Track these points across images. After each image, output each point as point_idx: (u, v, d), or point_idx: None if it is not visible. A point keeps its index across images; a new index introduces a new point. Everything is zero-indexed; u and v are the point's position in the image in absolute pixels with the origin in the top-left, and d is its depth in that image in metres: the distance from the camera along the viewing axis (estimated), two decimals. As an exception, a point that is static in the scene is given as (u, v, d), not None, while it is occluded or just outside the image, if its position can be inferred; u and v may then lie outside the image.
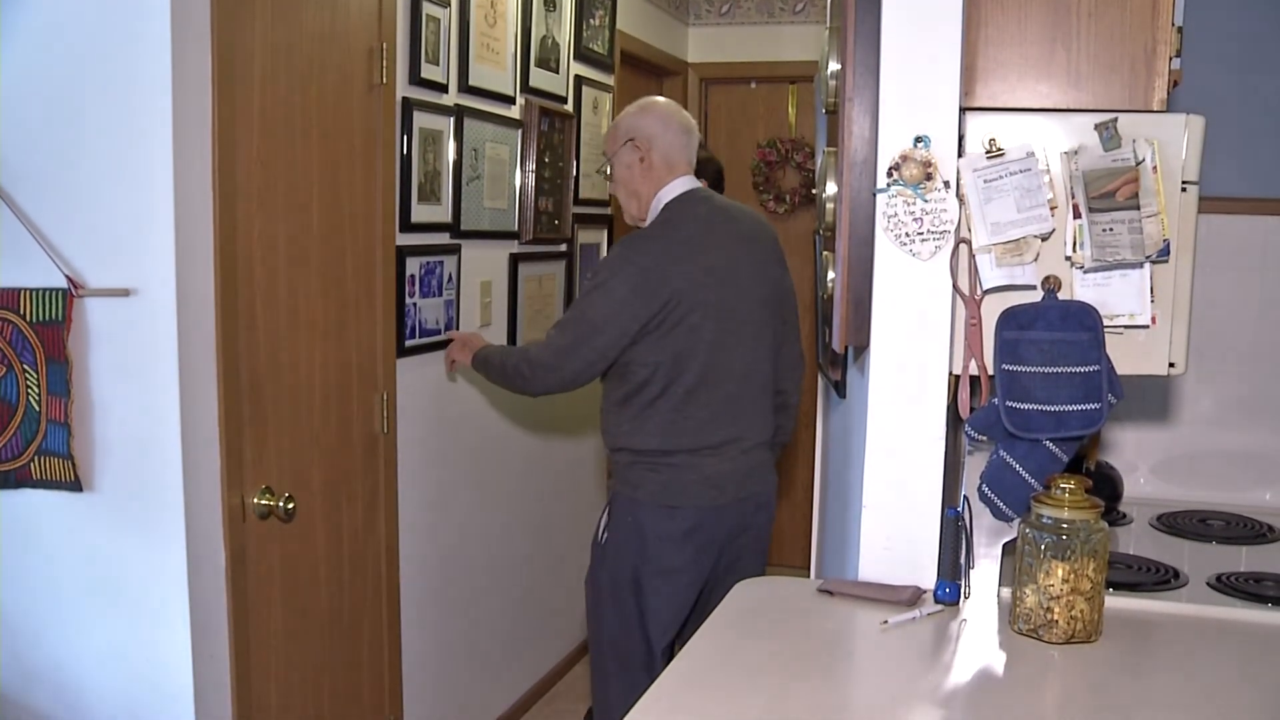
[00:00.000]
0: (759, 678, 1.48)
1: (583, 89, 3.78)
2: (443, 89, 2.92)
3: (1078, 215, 1.68)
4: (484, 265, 3.25)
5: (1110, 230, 1.67)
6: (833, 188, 1.93)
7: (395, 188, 2.73)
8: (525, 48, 3.37)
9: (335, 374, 2.54)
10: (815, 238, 2.46)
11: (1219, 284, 2.53)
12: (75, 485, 2.07)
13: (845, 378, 2.22)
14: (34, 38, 2.02)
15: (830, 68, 1.95)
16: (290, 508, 2.30)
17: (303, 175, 2.37)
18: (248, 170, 2.19)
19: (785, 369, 2.66)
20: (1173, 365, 1.74)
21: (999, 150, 1.70)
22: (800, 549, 5.03)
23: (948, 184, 1.71)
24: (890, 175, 1.73)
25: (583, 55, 3.77)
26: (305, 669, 2.47)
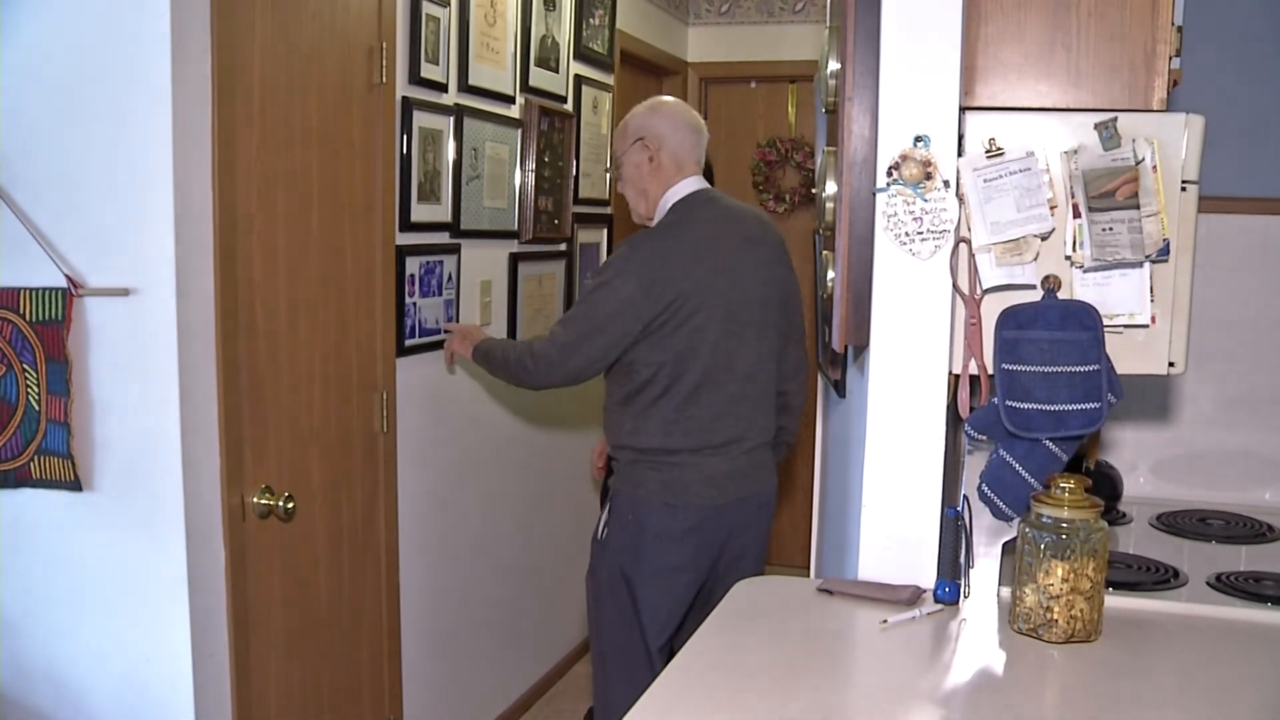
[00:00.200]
0: (759, 677, 1.48)
1: (582, 88, 3.78)
2: (442, 88, 2.92)
3: (1077, 215, 1.68)
4: (484, 265, 3.26)
5: (1110, 230, 1.67)
6: (832, 187, 1.93)
7: (395, 187, 2.73)
8: (525, 47, 3.37)
9: (335, 373, 2.54)
10: (815, 237, 2.46)
11: (1219, 283, 2.53)
12: (75, 485, 2.07)
13: (845, 377, 2.22)
14: (34, 38, 2.02)
15: (830, 67, 1.95)
16: (290, 507, 2.30)
17: (302, 175, 2.37)
18: (247, 170, 2.19)
19: (789, 370, 2.66)
20: (1172, 365, 1.74)
21: (999, 150, 1.69)
22: (800, 548, 5.03)
23: (947, 183, 1.71)
24: (890, 175, 1.73)
25: (582, 55, 3.77)
26: (305, 668, 2.47)
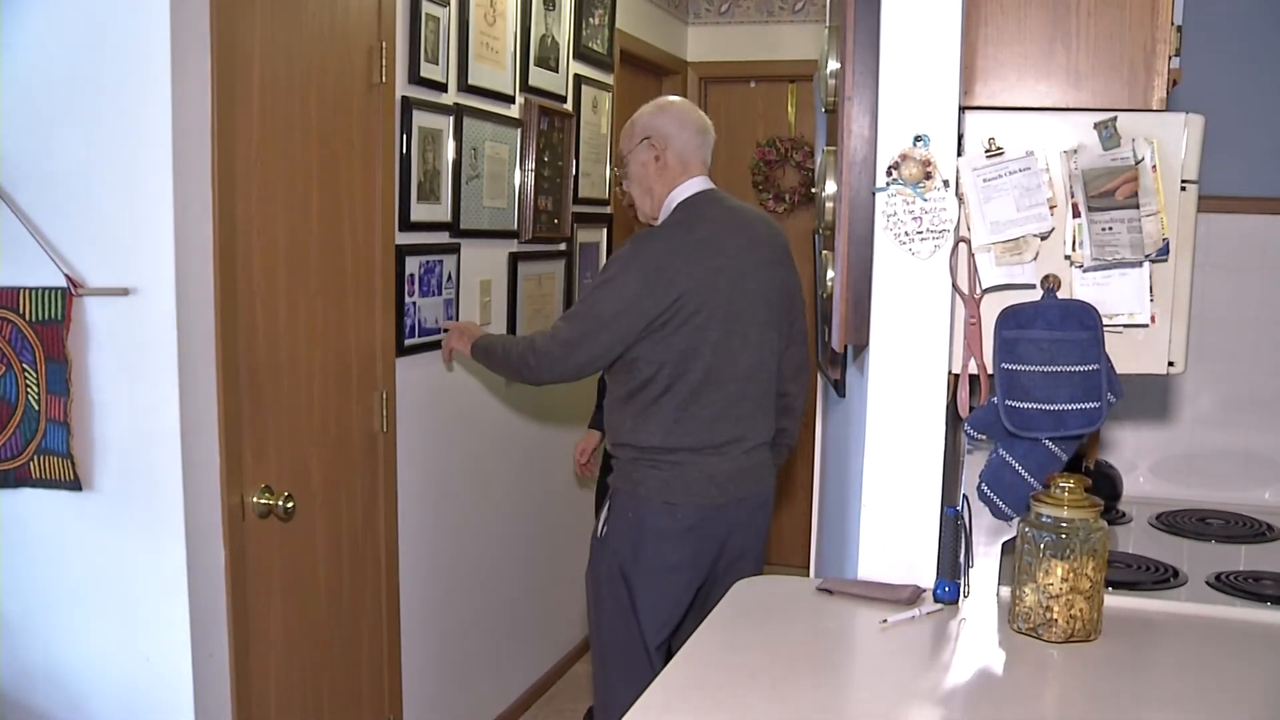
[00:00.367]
0: (758, 677, 1.48)
1: (582, 88, 3.78)
2: (442, 88, 2.92)
3: (1077, 214, 1.68)
4: (483, 264, 3.26)
5: (1109, 229, 1.67)
6: (832, 187, 1.93)
7: (395, 187, 2.73)
8: (525, 47, 3.37)
9: (335, 373, 2.54)
10: (815, 237, 2.46)
11: (1218, 283, 2.53)
12: (75, 484, 2.07)
13: (845, 377, 2.22)
14: (34, 38, 2.02)
15: (830, 67, 1.95)
16: (290, 507, 2.30)
17: (302, 174, 2.37)
18: (247, 169, 2.19)
19: (790, 371, 2.66)
20: (1172, 364, 1.74)
21: (998, 149, 1.69)
22: (800, 548, 5.02)
23: (947, 183, 1.71)
24: (890, 174, 1.72)
25: (582, 54, 3.77)
26: (305, 668, 2.47)
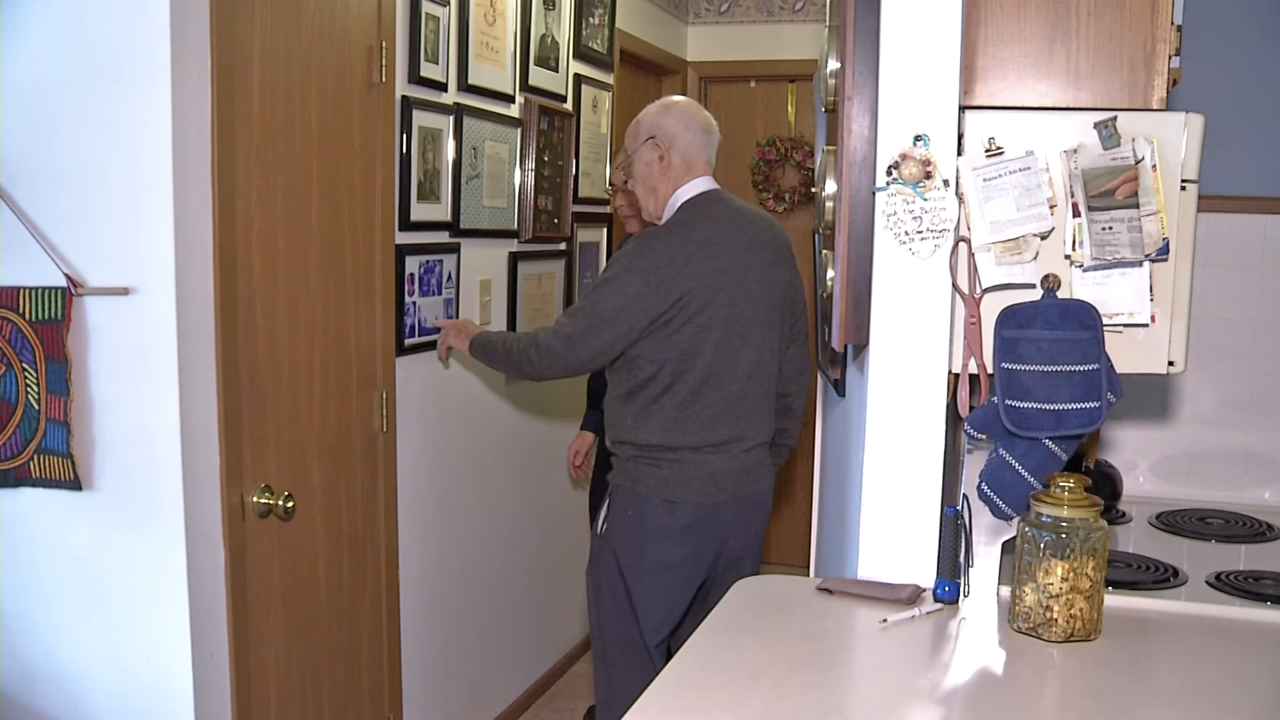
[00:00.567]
0: (758, 676, 1.48)
1: (582, 88, 3.78)
2: (442, 88, 2.92)
3: (1077, 214, 1.68)
4: (483, 264, 3.26)
5: (1109, 229, 1.67)
6: (832, 186, 1.93)
7: (395, 186, 2.73)
8: (525, 46, 3.37)
9: (334, 372, 2.54)
10: (815, 236, 2.46)
11: (1218, 282, 2.53)
12: (75, 484, 2.07)
13: (845, 376, 2.22)
14: (34, 37, 2.02)
15: (830, 66, 1.95)
16: (290, 506, 2.30)
17: (302, 174, 2.37)
18: (247, 169, 2.19)
19: (791, 372, 2.67)
20: (1172, 364, 1.74)
21: (998, 149, 1.69)
22: (800, 547, 5.03)
23: (947, 182, 1.71)
24: (890, 174, 1.73)
25: (582, 54, 3.77)
26: (305, 667, 2.47)
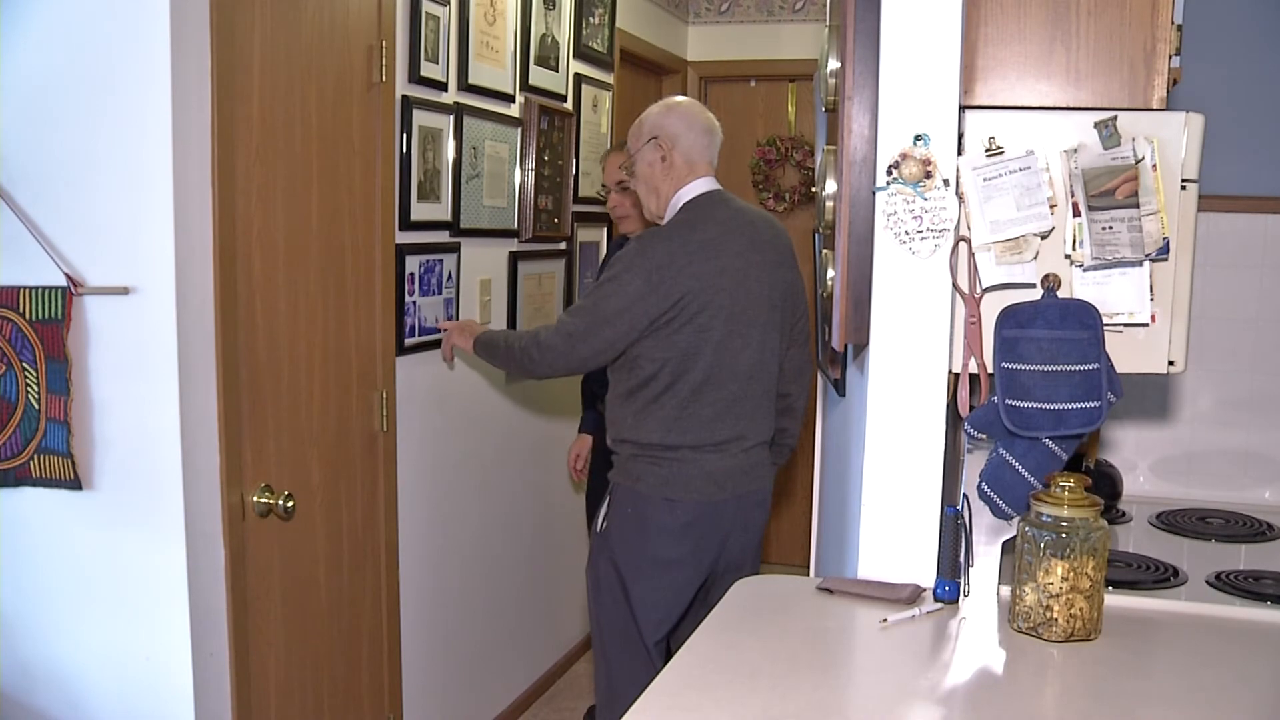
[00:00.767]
0: (758, 676, 1.48)
1: (582, 87, 3.78)
2: (442, 87, 2.92)
3: (1077, 213, 1.68)
4: (483, 263, 3.25)
5: (1110, 228, 1.67)
6: (832, 186, 1.93)
7: (395, 186, 2.73)
8: (525, 46, 3.37)
9: (335, 372, 2.54)
10: (815, 236, 2.46)
11: (1219, 282, 2.53)
12: (75, 484, 2.07)
13: (845, 376, 2.22)
14: (34, 37, 2.02)
15: (830, 66, 1.95)
16: (290, 506, 2.30)
17: (302, 173, 2.37)
18: (247, 168, 2.19)
19: (792, 373, 2.67)
20: (1172, 363, 1.74)
21: (998, 148, 1.69)
22: (800, 547, 5.03)
23: (947, 182, 1.71)
24: (890, 173, 1.72)
25: (582, 53, 3.77)
26: (305, 667, 2.47)
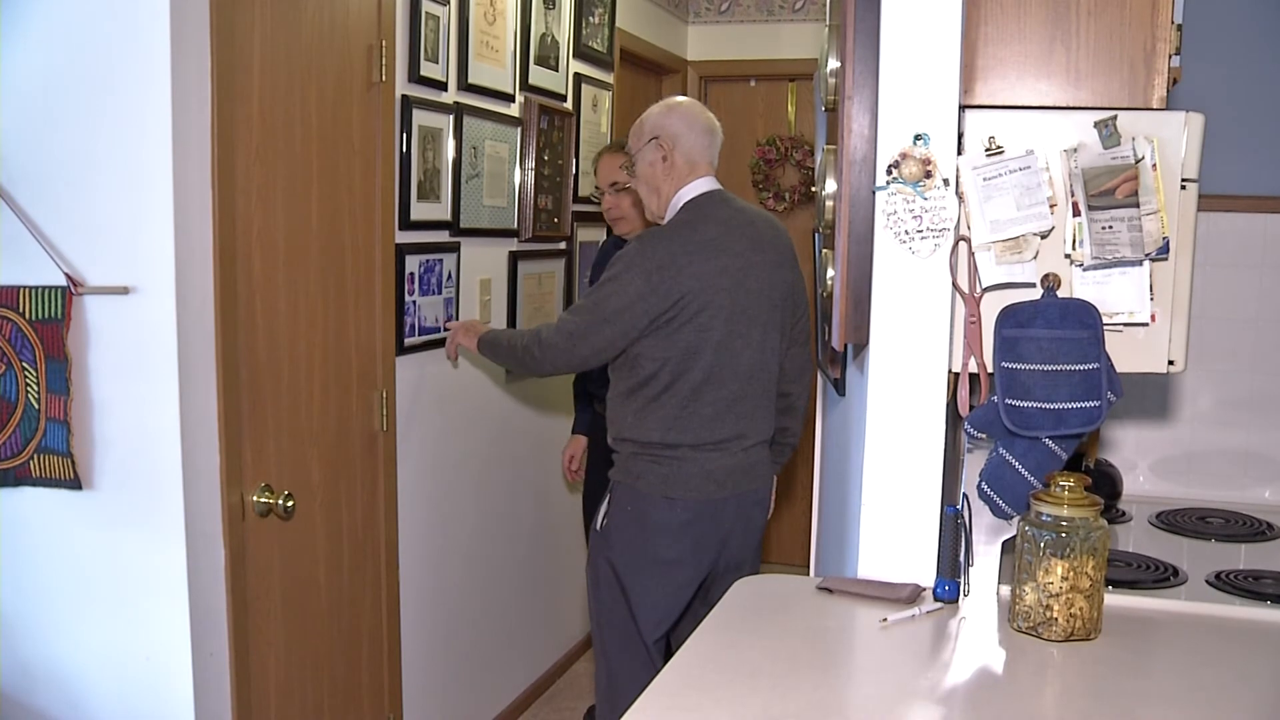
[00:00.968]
0: (758, 676, 1.48)
1: (582, 87, 3.78)
2: (442, 87, 2.92)
3: (1077, 213, 1.68)
4: (483, 263, 3.25)
5: (1110, 228, 1.67)
6: (832, 185, 1.93)
7: (394, 185, 2.73)
8: (525, 45, 3.36)
9: (334, 371, 2.54)
10: (815, 235, 2.46)
11: (1219, 282, 2.53)
12: (75, 483, 2.07)
13: (845, 375, 2.22)
14: (34, 37, 2.02)
15: (830, 65, 1.95)
16: (290, 505, 2.30)
17: (302, 173, 2.37)
18: (247, 168, 2.19)
19: (793, 372, 2.67)
20: (1172, 363, 1.74)
21: (998, 148, 1.69)
22: (800, 547, 5.03)
23: (947, 181, 1.71)
24: (890, 173, 1.72)
25: (582, 53, 3.77)
26: (305, 667, 2.47)
